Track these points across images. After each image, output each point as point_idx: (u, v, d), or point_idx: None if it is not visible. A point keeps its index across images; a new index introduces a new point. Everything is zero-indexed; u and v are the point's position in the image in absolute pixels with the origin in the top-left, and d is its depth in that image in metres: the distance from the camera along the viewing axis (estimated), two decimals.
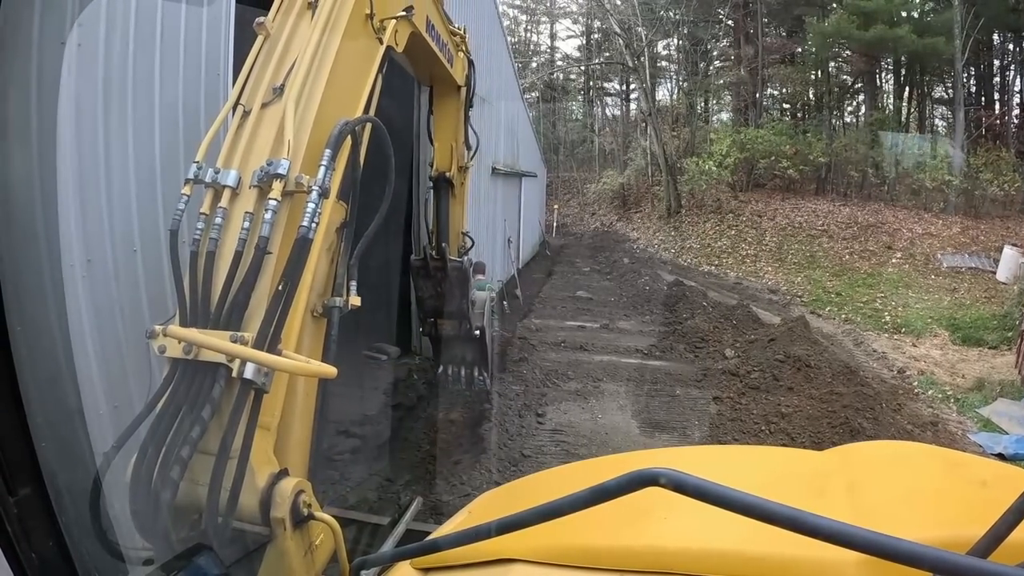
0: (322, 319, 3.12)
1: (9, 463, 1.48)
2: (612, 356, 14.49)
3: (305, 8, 3.42)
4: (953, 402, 13.75)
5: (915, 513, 1.64)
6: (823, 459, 2.18)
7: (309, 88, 3.15)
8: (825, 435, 10.03)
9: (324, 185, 2.91)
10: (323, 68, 3.24)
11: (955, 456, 2.14)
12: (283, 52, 3.28)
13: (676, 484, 1.18)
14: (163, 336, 2.58)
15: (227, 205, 2.85)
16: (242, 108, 3.19)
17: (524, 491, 2.60)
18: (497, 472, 8.68)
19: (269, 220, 2.76)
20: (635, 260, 29.09)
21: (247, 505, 2.44)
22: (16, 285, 1.73)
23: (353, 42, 3.53)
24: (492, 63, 18.14)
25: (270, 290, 2.73)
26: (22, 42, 2.17)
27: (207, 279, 2.73)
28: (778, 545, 1.33)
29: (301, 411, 2.94)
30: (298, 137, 2.96)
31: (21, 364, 1.61)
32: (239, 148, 3.03)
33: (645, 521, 1.67)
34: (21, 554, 1.41)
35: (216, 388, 2.51)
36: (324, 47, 3.28)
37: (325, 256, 3.08)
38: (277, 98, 3.10)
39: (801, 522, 1.09)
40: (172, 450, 2.43)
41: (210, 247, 2.77)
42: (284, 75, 3.17)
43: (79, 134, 3.81)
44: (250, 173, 2.89)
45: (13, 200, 1.77)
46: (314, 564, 2.63)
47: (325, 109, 3.19)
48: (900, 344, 18.28)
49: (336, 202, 3.12)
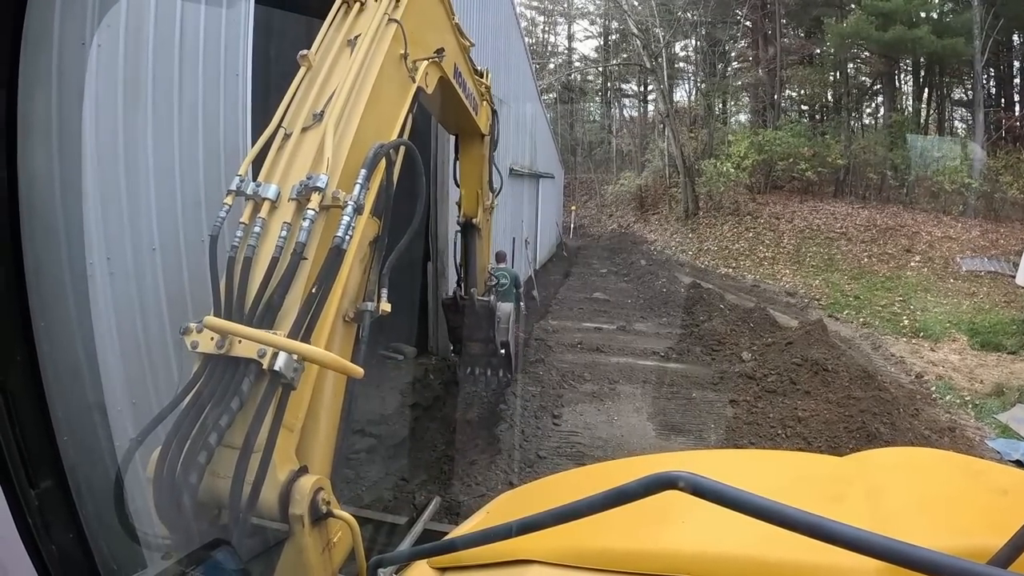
0: (352, 324, 3.25)
1: (32, 457, 1.49)
2: (629, 358, 14.46)
3: (345, 45, 3.70)
4: (971, 408, 13.61)
5: (935, 521, 1.63)
6: (842, 464, 2.17)
7: (347, 115, 3.34)
8: (842, 440, 9.96)
9: (359, 201, 3.05)
10: (361, 98, 3.45)
11: (976, 463, 2.12)
12: (323, 82, 3.49)
13: (694, 488, 1.17)
14: (196, 333, 2.64)
15: (266, 216, 2.98)
16: (283, 131, 3.37)
17: (542, 493, 2.60)
18: (513, 473, 8.68)
19: (306, 228, 2.89)
20: (652, 262, 28.98)
21: (266, 501, 2.46)
22: (40, 282, 1.75)
23: (388, 77, 3.78)
24: (510, 64, 18.17)
25: (303, 293, 2.83)
26: (44, 44, 2.19)
27: (243, 282, 2.83)
28: (796, 551, 1.32)
29: (328, 410, 3.00)
30: (336, 156, 3.12)
31: (44, 360, 1.63)
32: (280, 166, 3.21)
33: (663, 524, 1.67)
34: (41, 546, 1.42)
35: (246, 382, 2.55)
36: (362, 80, 3.50)
37: (358, 266, 3.23)
38: (317, 123, 3.29)
39: (820, 528, 1.08)
40: (198, 440, 2.46)
41: (247, 253, 2.89)
42: (324, 103, 3.36)
43: (100, 134, 3.86)
44: (289, 188, 3.04)
45: (37, 199, 1.79)
46: (331, 561, 2.65)
47: (362, 133, 3.38)
48: (918, 348, 18.13)
49: (370, 218, 3.28)
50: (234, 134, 5.07)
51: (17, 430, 1.47)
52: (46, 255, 1.90)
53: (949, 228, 27.73)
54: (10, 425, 1.45)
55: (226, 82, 4.95)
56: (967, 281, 24.12)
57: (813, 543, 1.09)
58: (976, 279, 24.18)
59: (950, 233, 27.36)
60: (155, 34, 4.24)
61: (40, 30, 2.04)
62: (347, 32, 3.80)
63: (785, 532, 1.11)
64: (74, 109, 3.61)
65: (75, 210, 2.61)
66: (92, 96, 3.78)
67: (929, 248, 26.58)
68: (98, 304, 3.88)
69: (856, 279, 25.23)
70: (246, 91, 5.14)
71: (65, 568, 1.50)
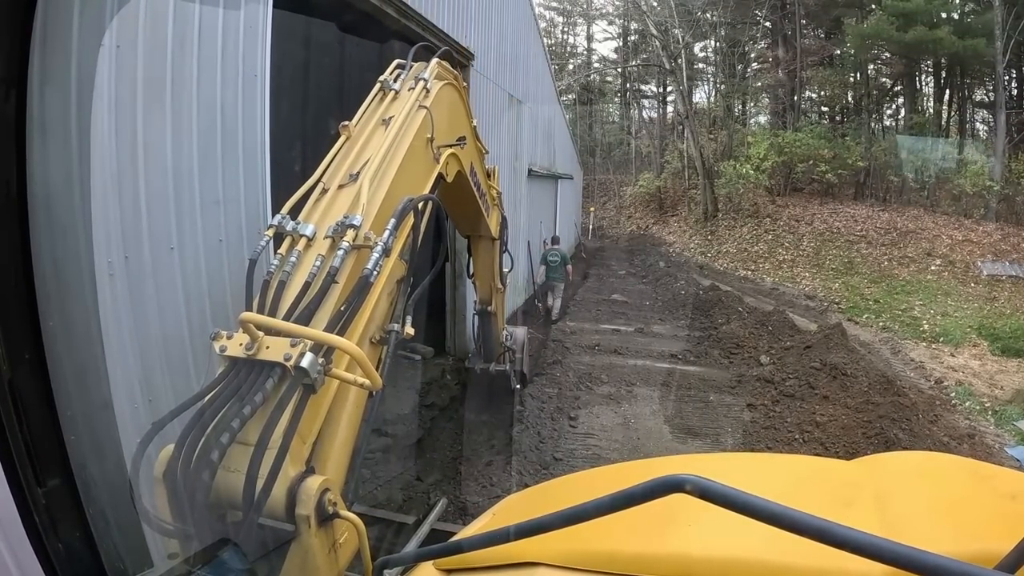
0: (379, 345, 3.44)
1: (39, 455, 1.50)
2: (646, 360, 14.43)
3: (380, 123, 4.09)
4: (991, 414, 13.54)
5: (943, 525, 1.62)
6: (850, 468, 2.17)
7: (381, 175, 3.67)
8: (860, 446, 9.89)
9: (388, 244, 3.30)
10: (393, 163, 3.81)
11: (984, 468, 2.10)
12: (360, 150, 3.84)
13: (701, 491, 1.17)
14: (226, 339, 2.71)
15: (302, 249, 3.21)
16: (322, 186, 3.63)
17: (549, 495, 2.61)
18: (528, 475, 8.69)
19: (339, 257, 3.10)
20: (671, 264, 28.93)
21: (274, 501, 2.48)
22: (51, 281, 1.77)
23: (416, 153, 4.21)
24: (529, 65, 18.19)
25: (332, 311, 2.97)
26: (61, 43, 2.21)
27: (275, 301, 2.98)
28: (803, 555, 1.32)
29: (348, 418, 3.05)
30: (370, 204, 3.42)
31: (52, 358, 1.64)
32: (317, 212, 3.47)
33: (670, 527, 1.67)
34: (48, 544, 1.43)
35: (269, 382, 2.60)
36: (394, 151, 3.86)
37: (385, 299, 3.43)
38: (352, 182, 3.58)
39: (827, 532, 1.08)
40: (214, 438, 2.49)
41: (282, 277, 3.07)
42: (360, 166, 3.67)
43: (118, 134, 3.89)
44: (325, 228, 3.28)
45: (46, 197, 1.80)
46: (337, 562, 2.66)
47: (393, 190, 3.69)
48: (938, 354, 18.02)
49: (398, 260, 3.52)
50: (252, 135, 5.10)
51: (25, 428, 1.48)
52: (55, 254, 1.91)
53: (970, 231, 27.55)
54: (17, 423, 1.46)
55: (244, 84, 4.99)
56: (988, 285, 23.97)
57: (821, 547, 1.08)
58: (997, 283, 24.03)
59: (971, 237, 27.18)
60: (173, 34, 4.27)
61: (56, 30, 2.06)
62: (383, 113, 4.19)
63: (792, 536, 1.10)
64: (91, 109, 3.65)
65: (85, 209, 2.62)
66: (112, 96, 3.82)
67: (950, 252, 26.40)
68: (116, 303, 3.91)
69: (876, 283, 25.11)
70: (264, 92, 5.18)
71: (72, 567, 1.50)
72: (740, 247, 31.07)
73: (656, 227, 38.06)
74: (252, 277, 3.19)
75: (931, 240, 27.30)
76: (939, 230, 27.87)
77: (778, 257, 29.23)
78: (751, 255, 30.14)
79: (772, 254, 29.57)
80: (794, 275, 27.51)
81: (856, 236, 28.81)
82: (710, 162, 35.15)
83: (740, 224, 32.43)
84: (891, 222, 28.96)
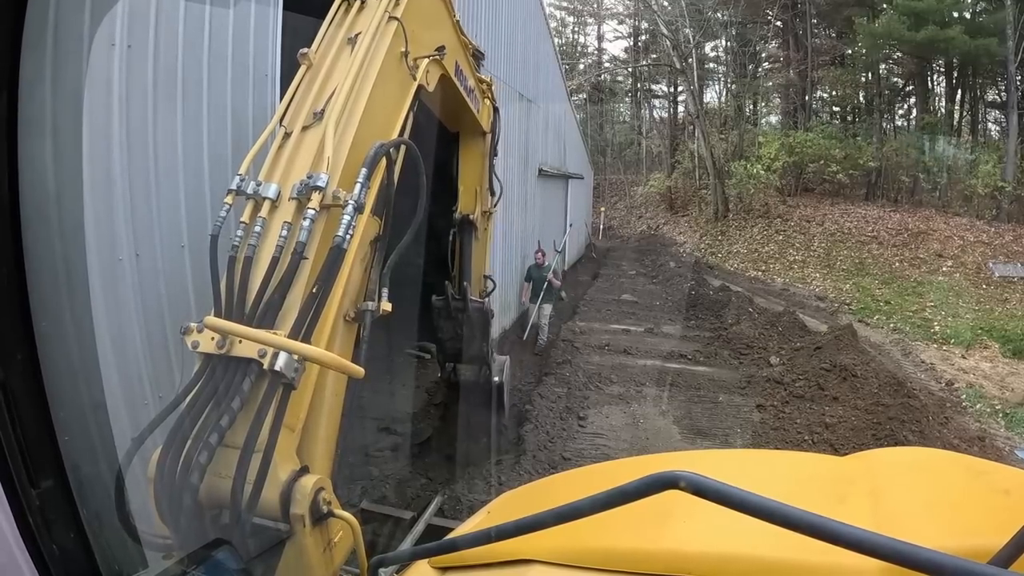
0: (353, 324, 3.26)
1: (33, 456, 1.51)
2: (656, 360, 14.40)
3: (345, 43, 3.70)
4: (1001, 417, 13.48)
5: (937, 521, 1.62)
6: (845, 464, 2.17)
7: (348, 113, 3.35)
8: (869, 447, 9.63)
9: (359, 200, 3.05)
10: (361, 96, 3.46)
11: (978, 463, 2.09)
12: (324, 81, 3.51)
13: (696, 488, 1.18)
14: (197, 332, 2.65)
15: (266, 216, 3.00)
16: (284, 129, 3.39)
17: (543, 492, 2.61)
18: (537, 474, 8.67)
19: (307, 228, 2.90)
20: (681, 264, 28.78)
21: (267, 501, 2.48)
22: (45, 282, 1.78)
23: (389, 75, 3.79)
24: (539, 65, 18.18)
25: (304, 292, 2.83)
26: (74, 44, 2.23)
27: (243, 281, 2.83)
28: (798, 551, 1.32)
29: (328, 411, 3.01)
30: (336, 155, 3.12)
31: (45, 358, 1.65)
32: (280, 165, 3.22)
33: (664, 524, 1.67)
34: (42, 545, 1.44)
35: (246, 382, 2.56)
36: (362, 78, 3.51)
37: (359, 266, 3.23)
38: (317, 122, 3.31)
39: (822, 528, 1.09)
40: (199, 440, 2.47)
41: (248, 252, 2.90)
42: (324, 101, 3.38)
43: (129, 133, 3.91)
44: (290, 187, 3.05)
45: (65, 196, 1.82)
46: (332, 561, 2.67)
47: (362, 132, 3.38)
48: (949, 355, 17.92)
49: (370, 217, 3.28)
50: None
51: (18, 429, 1.49)
52: (48, 254, 1.92)
53: (982, 232, 27.42)
54: (11, 424, 1.47)
55: (255, 83, 5.01)
56: (999, 287, 23.87)
57: (815, 543, 1.09)
58: (1009, 285, 23.91)
59: (983, 238, 27.06)
60: (184, 35, 4.29)
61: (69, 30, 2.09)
62: (347, 30, 3.80)
63: (787, 532, 1.11)
64: (103, 108, 3.69)
65: (76, 208, 2.62)
66: (122, 95, 3.84)
67: (961, 253, 26.28)
68: (126, 300, 3.95)
69: (887, 284, 25.02)
70: (275, 92, 5.19)
71: (66, 568, 1.50)
72: (751, 247, 30.97)
73: (667, 227, 37.94)
74: (216, 254, 3.01)
75: (942, 241, 27.19)
76: (950, 231, 27.75)
77: (789, 258, 29.13)
78: (762, 255, 30.04)
79: (783, 255, 29.47)
80: (805, 276, 27.41)
81: (867, 237, 28.71)
82: (721, 162, 35.03)
83: (751, 224, 32.33)
84: (902, 223, 28.85)
